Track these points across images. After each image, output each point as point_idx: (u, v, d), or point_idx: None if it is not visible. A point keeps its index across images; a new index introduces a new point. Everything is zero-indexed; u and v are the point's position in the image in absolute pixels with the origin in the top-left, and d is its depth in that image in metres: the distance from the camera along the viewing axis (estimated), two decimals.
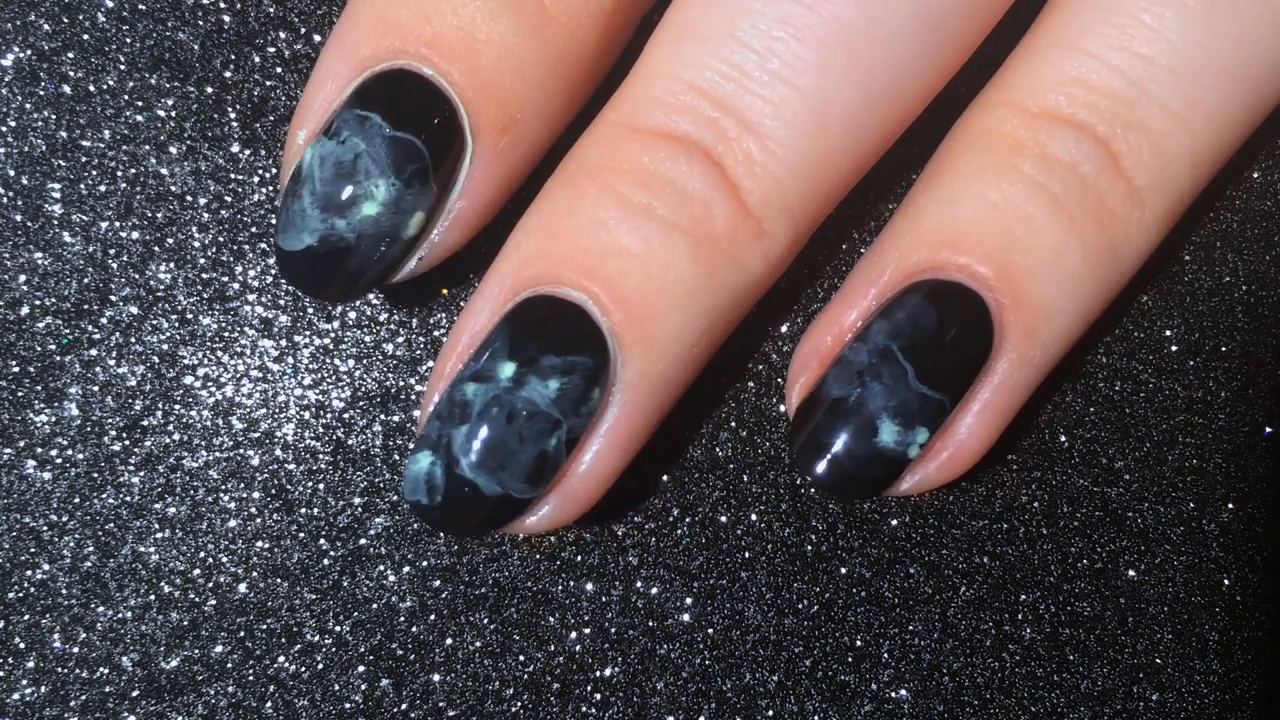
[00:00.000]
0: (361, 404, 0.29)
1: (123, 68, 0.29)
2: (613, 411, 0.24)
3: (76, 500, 0.29)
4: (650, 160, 0.24)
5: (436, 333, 0.29)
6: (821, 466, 0.25)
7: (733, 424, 0.30)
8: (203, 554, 0.29)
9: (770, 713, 0.29)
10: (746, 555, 0.29)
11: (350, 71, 0.24)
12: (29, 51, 0.29)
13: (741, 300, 0.25)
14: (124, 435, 0.29)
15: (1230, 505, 0.30)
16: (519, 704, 0.29)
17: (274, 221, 0.29)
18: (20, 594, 0.29)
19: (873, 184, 0.29)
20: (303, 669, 0.29)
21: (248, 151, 0.29)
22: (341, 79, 0.24)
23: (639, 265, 0.24)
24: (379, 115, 0.24)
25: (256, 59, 0.29)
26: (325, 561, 0.29)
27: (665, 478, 0.29)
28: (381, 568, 0.29)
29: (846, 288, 0.26)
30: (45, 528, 0.29)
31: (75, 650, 0.29)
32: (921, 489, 0.26)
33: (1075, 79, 0.25)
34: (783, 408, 0.30)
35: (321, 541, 0.29)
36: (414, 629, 0.29)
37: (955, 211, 0.25)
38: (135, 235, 0.29)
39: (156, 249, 0.29)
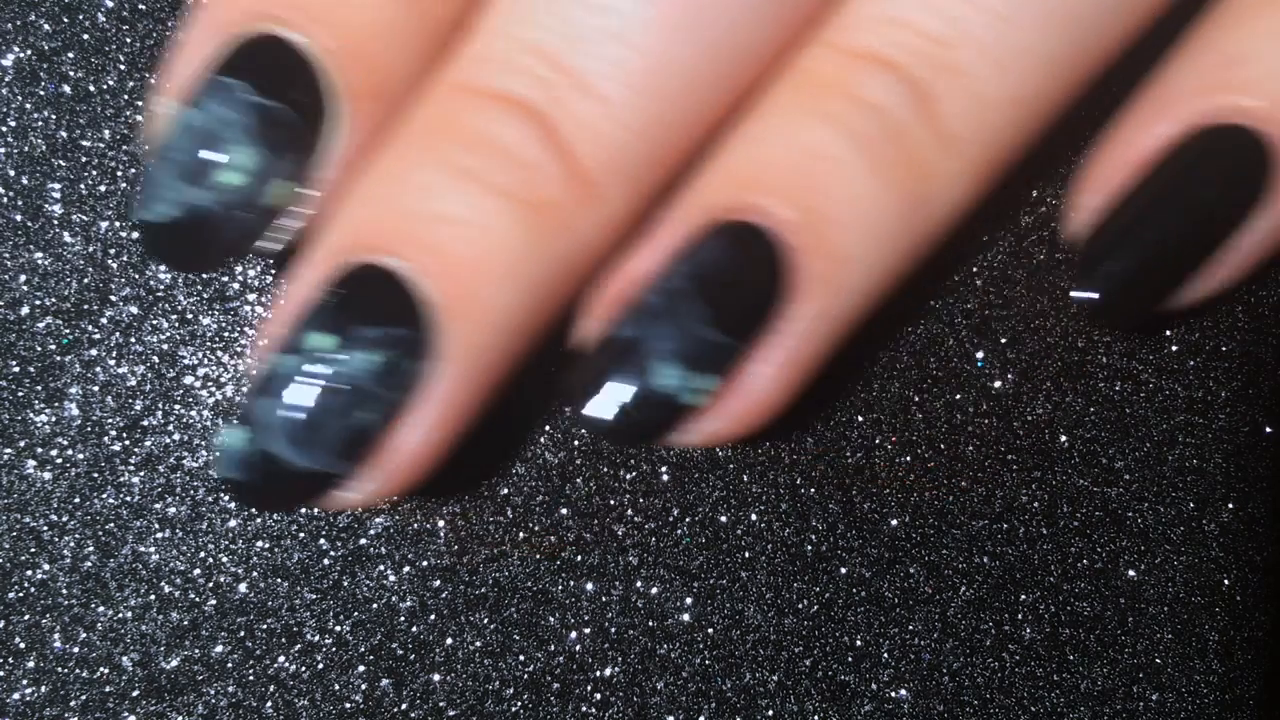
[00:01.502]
0: None
1: (123, 68, 0.29)
2: (435, 384, 0.23)
3: (76, 500, 0.29)
4: (480, 123, 0.23)
5: None
6: (599, 409, 0.24)
7: None
8: (203, 554, 0.29)
9: (770, 713, 0.29)
10: (746, 555, 0.29)
11: (213, 39, 0.23)
12: (29, 51, 0.29)
13: (576, 268, 0.24)
14: (124, 435, 0.29)
15: (1230, 505, 0.30)
16: (519, 704, 0.29)
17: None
18: (20, 594, 0.29)
19: None
20: (303, 669, 0.29)
21: None
22: (205, 47, 0.23)
23: (463, 233, 0.23)
24: (243, 81, 0.23)
25: None
26: (325, 561, 0.29)
27: (665, 478, 0.29)
28: (381, 568, 0.29)
29: (652, 230, 0.25)
30: (45, 528, 0.29)
31: (75, 650, 0.29)
32: (711, 440, 0.25)
33: (892, 18, 0.24)
34: None
35: (321, 541, 0.29)
36: (414, 629, 0.29)
37: (760, 152, 0.24)
38: (135, 235, 0.29)
39: None
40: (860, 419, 0.30)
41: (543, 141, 0.23)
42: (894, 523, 0.30)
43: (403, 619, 0.29)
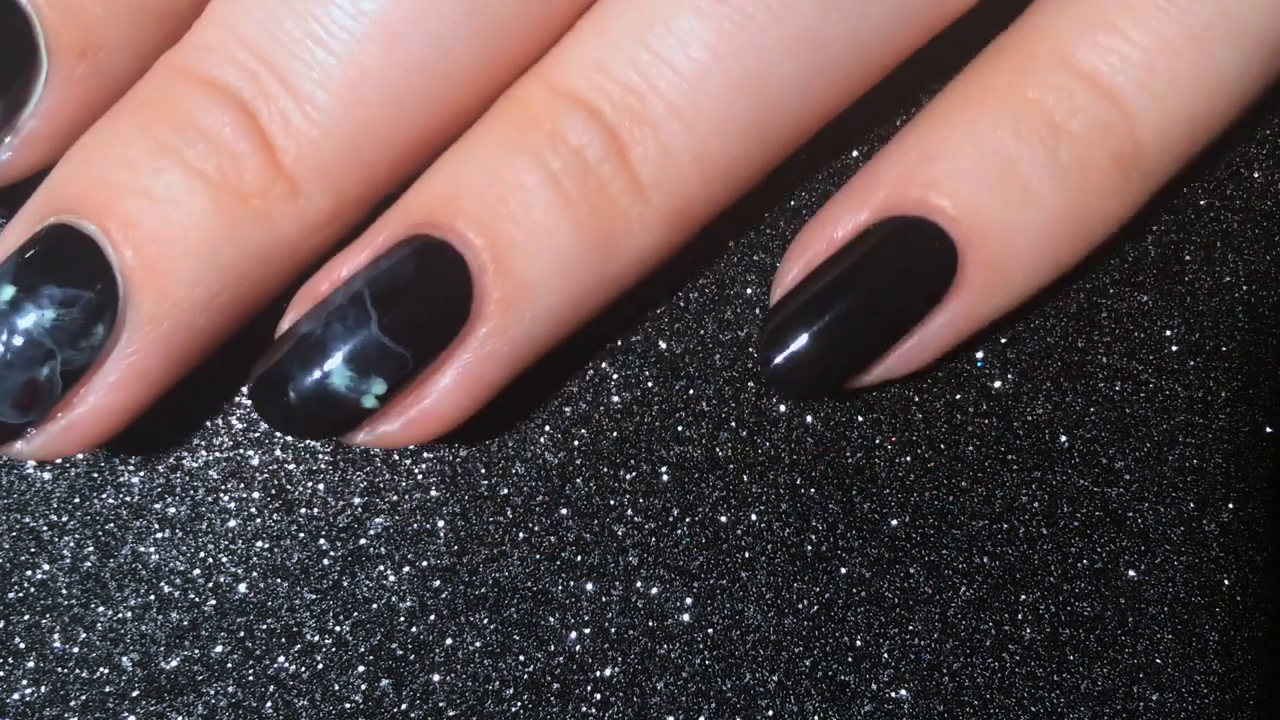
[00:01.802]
0: None
1: None
2: (121, 350, 0.24)
3: (76, 500, 0.29)
4: (189, 105, 0.24)
5: None
6: (274, 402, 0.25)
7: (733, 424, 0.30)
8: (203, 554, 0.29)
9: (770, 713, 0.29)
10: (746, 555, 0.30)
11: None
12: None
13: (274, 261, 0.25)
14: (123, 435, 0.29)
15: (1230, 505, 0.30)
16: (519, 704, 0.29)
17: None
18: (20, 594, 0.29)
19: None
20: (303, 669, 0.29)
21: None
22: None
23: (157, 208, 0.24)
24: None
25: None
26: (325, 561, 0.29)
27: (665, 478, 0.30)
28: (381, 568, 0.29)
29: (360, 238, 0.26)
30: (45, 528, 0.29)
31: (75, 650, 0.29)
32: (383, 444, 0.26)
33: (596, 63, 0.25)
34: (783, 408, 0.30)
35: (321, 541, 0.29)
36: (414, 629, 0.29)
37: (462, 173, 0.25)
38: None
39: None
40: (860, 419, 0.30)
41: (246, 132, 0.24)
42: (894, 523, 0.30)
43: (403, 619, 0.29)
